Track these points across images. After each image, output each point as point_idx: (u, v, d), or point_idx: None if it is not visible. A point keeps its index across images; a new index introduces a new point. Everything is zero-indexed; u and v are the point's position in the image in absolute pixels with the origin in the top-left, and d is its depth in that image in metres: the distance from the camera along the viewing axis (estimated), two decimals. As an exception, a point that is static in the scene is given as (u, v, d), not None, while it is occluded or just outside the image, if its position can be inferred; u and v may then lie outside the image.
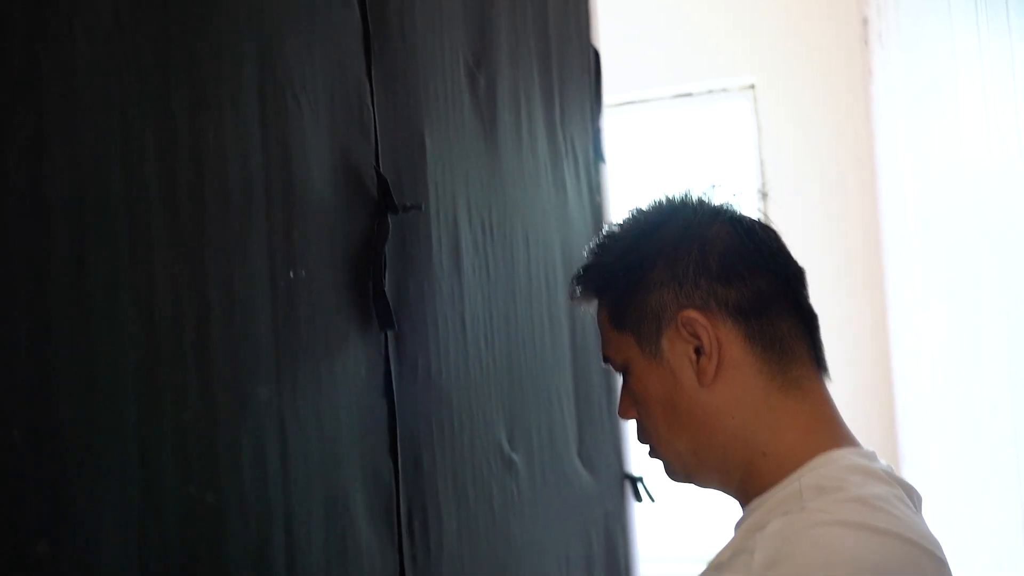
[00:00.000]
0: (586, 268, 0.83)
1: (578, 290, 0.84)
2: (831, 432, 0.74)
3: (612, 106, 2.30)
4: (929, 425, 2.46)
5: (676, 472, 0.80)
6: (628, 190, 1.79)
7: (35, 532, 0.47)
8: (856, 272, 2.96)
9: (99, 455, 0.52)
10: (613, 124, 2.10)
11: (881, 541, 0.63)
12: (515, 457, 1.16)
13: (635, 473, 1.66)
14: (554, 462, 1.30)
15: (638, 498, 1.66)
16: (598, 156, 1.71)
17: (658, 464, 0.82)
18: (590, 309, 0.84)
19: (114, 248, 0.54)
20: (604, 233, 0.84)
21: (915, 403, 2.64)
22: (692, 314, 0.74)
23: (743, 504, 0.75)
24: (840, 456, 0.71)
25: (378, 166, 0.86)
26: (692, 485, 0.81)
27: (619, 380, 1.64)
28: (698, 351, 0.74)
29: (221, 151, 0.65)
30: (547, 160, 1.39)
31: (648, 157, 3.25)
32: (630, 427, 1.66)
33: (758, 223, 0.79)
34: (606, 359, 0.83)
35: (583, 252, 0.86)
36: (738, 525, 0.75)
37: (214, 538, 0.61)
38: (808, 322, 0.77)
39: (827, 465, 0.70)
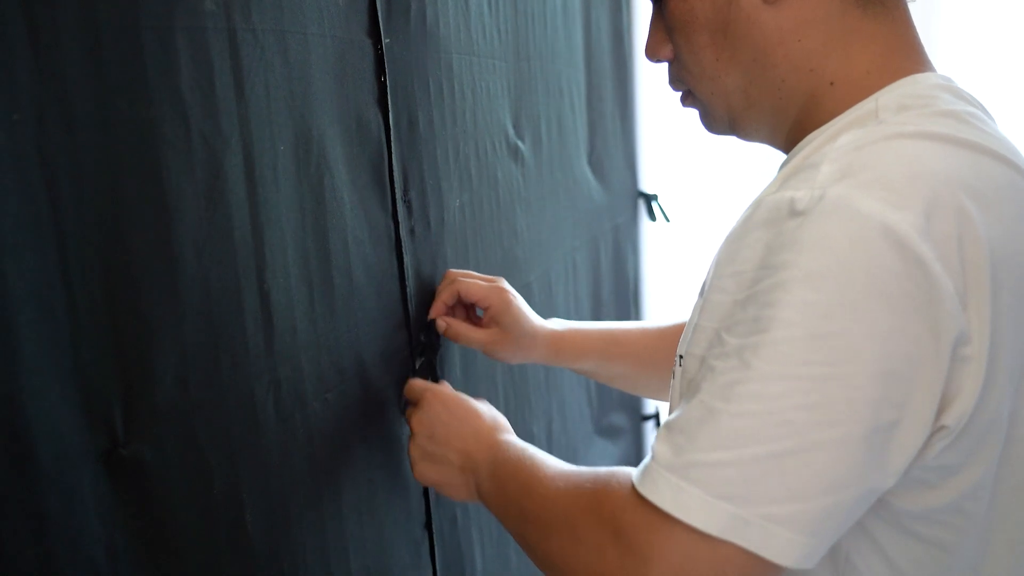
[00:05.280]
0: None
1: None
2: (913, 57, 0.60)
3: None
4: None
5: (718, 119, 0.66)
6: None
7: None
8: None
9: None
10: None
11: (974, 157, 0.51)
12: (521, 145, 1.02)
13: (649, 191, 1.55)
14: (563, 161, 1.17)
15: (652, 217, 1.55)
16: None
17: (693, 113, 0.68)
18: None
19: None
20: None
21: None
22: None
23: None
24: (924, 77, 0.58)
25: None
26: (734, 136, 0.67)
27: (636, 77, 1.49)
28: None
29: None
30: None
31: None
32: (644, 140, 1.51)
33: None
34: None
35: None
36: (784, 165, 0.62)
37: (152, 155, 0.49)
38: None
39: (909, 85, 0.57)
